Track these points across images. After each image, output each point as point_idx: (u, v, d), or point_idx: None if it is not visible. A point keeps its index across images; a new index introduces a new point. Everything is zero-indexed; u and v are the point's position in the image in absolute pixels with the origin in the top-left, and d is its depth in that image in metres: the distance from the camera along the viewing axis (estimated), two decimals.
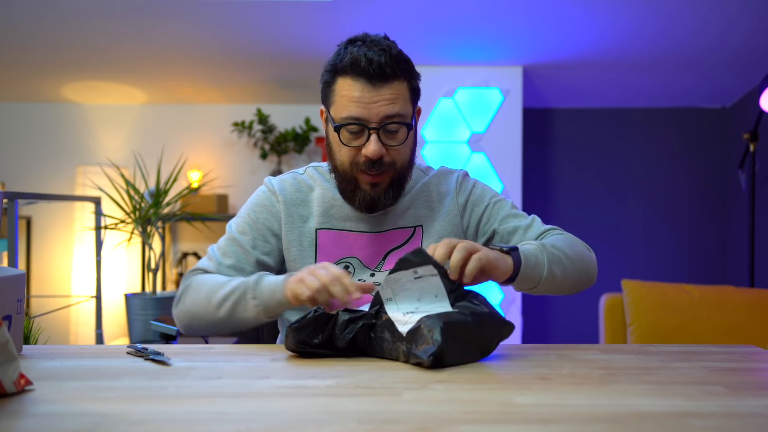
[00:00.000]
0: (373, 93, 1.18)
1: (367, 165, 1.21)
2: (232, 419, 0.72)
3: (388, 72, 1.18)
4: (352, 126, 1.20)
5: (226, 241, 1.29)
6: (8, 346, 0.81)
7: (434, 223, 1.32)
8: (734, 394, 0.83)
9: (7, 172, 3.96)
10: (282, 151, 3.82)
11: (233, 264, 1.26)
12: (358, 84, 1.19)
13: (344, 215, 1.30)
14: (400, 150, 1.23)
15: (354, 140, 1.21)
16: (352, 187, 1.25)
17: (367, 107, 1.18)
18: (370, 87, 1.18)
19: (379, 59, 1.17)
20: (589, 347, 1.13)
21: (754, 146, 3.06)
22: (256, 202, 1.32)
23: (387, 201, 1.25)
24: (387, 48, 1.20)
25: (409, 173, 1.29)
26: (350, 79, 1.19)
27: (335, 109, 1.22)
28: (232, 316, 1.17)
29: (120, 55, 3.27)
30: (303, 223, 1.30)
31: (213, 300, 1.18)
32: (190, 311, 1.21)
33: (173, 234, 3.99)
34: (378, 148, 1.19)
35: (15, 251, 1.98)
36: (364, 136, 1.20)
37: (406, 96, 1.23)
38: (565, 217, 3.85)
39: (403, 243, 1.31)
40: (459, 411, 0.75)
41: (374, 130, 1.19)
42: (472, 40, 3.06)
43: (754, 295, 2.36)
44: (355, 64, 1.18)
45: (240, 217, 1.32)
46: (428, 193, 1.34)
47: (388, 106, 1.19)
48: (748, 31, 2.88)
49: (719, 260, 3.82)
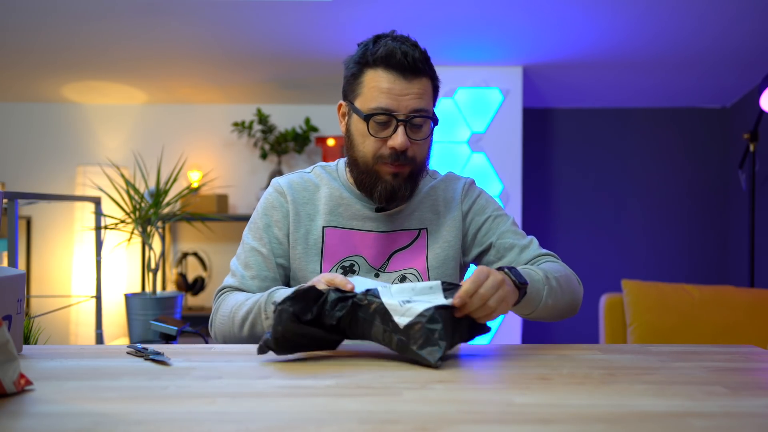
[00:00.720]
0: (404, 86, 1.21)
1: (392, 157, 1.23)
2: (232, 419, 0.72)
3: (419, 67, 1.22)
4: (381, 116, 1.22)
5: (244, 252, 1.31)
6: (8, 346, 0.81)
7: (440, 228, 1.34)
8: (734, 394, 0.83)
9: (7, 172, 3.96)
10: (282, 151, 3.82)
11: (256, 274, 1.28)
12: (390, 76, 1.22)
13: (351, 214, 1.31)
14: (422, 145, 1.27)
15: (381, 131, 1.24)
16: (372, 179, 1.26)
17: (396, 99, 1.21)
18: (401, 79, 1.21)
19: (413, 53, 1.21)
20: (589, 347, 1.13)
21: (754, 146, 3.06)
22: (266, 205, 1.34)
23: (405, 192, 1.27)
24: (417, 45, 1.25)
25: (424, 171, 1.32)
26: (381, 71, 1.22)
27: (362, 100, 1.24)
28: (254, 335, 1.19)
29: (120, 55, 3.27)
30: (310, 222, 1.31)
31: (235, 321, 1.21)
32: (222, 332, 1.25)
33: (173, 234, 3.99)
34: (405, 140, 1.22)
35: (15, 251, 1.98)
36: (391, 128, 1.23)
37: (431, 94, 1.27)
38: (565, 217, 3.85)
39: (408, 244, 1.32)
40: (459, 411, 0.75)
41: (402, 122, 1.22)
42: (472, 40, 3.06)
43: (754, 295, 2.36)
44: (390, 56, 1.21)
45: (253, 224, 1.33)
46: (435, 197, 1.37)
47: (416, 100, 1.22)
48: (748, 31, 2.88)
49: (719, 260, 3.82)
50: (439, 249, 1.33)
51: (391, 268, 1.30)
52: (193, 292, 3.79)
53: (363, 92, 1.24)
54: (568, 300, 1.25)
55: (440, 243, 1.33)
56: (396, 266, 1.31)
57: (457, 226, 1.35)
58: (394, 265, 1.31)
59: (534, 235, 1.64)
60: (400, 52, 1.21)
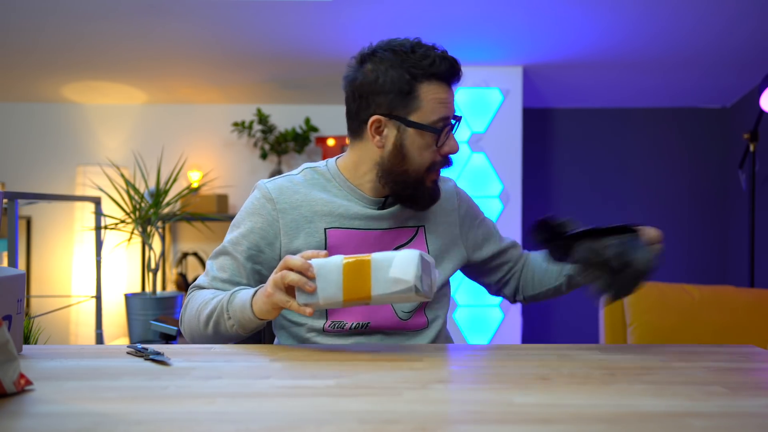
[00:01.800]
0: (450, 94, 1.27)
1: (443, 163, 1.28)
2: (232, 419, 0.72)
3: (459, 76, 1.28)
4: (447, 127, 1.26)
5: (221, 254, 1.29)
6: (8, 346, 0.81)
7: (437, 225, 1.36)
8: (734, 394, 0.83)
9: (7, 172, 3.96)
10: (282, 151, 3.82)
11: (228, 278, 1.26)
12: (442, 86, 1.25)
13: (351, 214, 1.29)
14: None
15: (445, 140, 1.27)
16: (415, 187, 1.28)
17: (449, 108, 1.26)
18: (448, 88, 1.26)
19: (456, 65, 1.27)
20: (589, 347, 1.13)
21: (754, 146, 3.06)
22: (251, 210, 1.29)
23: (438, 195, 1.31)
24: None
25: None
26: (436, 84, 1.24)
27: (422, 113, 1.23)
28: (218, 334, 1.19)
29: (120, 55, 3.27)
30: (308, 224, 1.27)
31: (201, 319, 1.20)
32: (188, 329, 1.25)
33: (173, 234, 3.99)
34: (458, 144, 1.28)
35: (15, 251, 1.98)
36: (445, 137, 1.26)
37: None
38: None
39: (408, 241, 1.33)
40: (459, 411, 0.75)
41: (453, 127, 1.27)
42: (472, 40, 3.06)
43: (754, 295, 2.35)
44: (447, 68, 1.25)
45: (235, 227, 1.30)
46: None
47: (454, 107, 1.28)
48: (748, 31, 2.88)
49: (719, 260, 3.82)
50: (439, 248, 1.34)
51: None
52: None
53: (422, 105, 1.23)
54: None
55: (439, 241, 1.35)
56: None
57: (455, 224, 1.38)
58: None
59: None
60: (448, 63, 1.25)
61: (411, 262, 1.01)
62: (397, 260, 1.01)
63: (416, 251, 1.02)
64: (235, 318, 1.14)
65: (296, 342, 1.29)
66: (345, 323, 1.25)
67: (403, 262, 1.01)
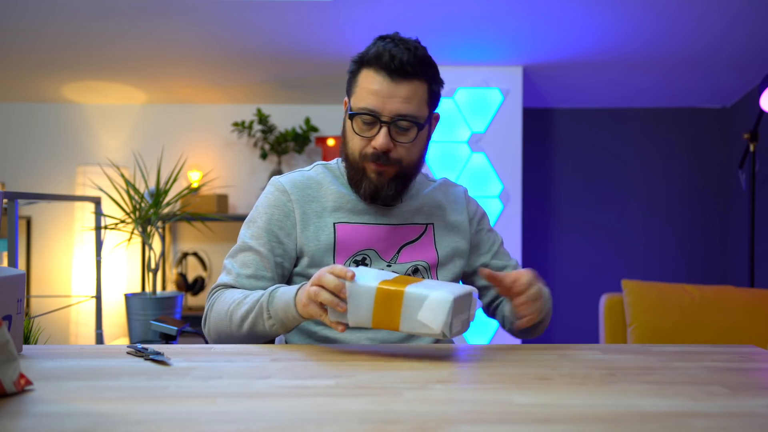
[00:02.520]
0: (391, 88, 1.22)
1: (374, 156, 1.25)
2: (232, 419, 0.72)
3: (408, 70, 1.22)
4: (365, 116, 1.24)
5: (241, 250, 1.29)
6: (8, 346, 0.81)
7: (446, 226, 1.37)
8: (734, 394, 0.83)
9: (7, 172, 3.96)
10: (282, 151, 3.82)
11: (253, 273, 1.27)
12: (378, 77, 1.23)
13: (359, 210, 1.32)
14: (409, 148, 1.27)
15: (366, 131, 1.25)
16: (359, 175, 1.28)
17: (382, 101, 1.22)
18: (389, 82, 1.22)
19: (402, 57, 1.21)
20: (589, 347, 1.13)
21: (754, 146, 3.06)
22: (266, 203, 1.32)
23: (389, 192, 1.28)
24: (413, 48, 1.24)
25: (415, 173, 1.33)
26: (372, 72, 1.24)
27: (355, 98, 1.26)
28: (254, 333, 1.18)
29: (120, 55, 3.27)
30: (318, 219, 1.30)
31: (234, 319, 1.19)
32: (217, 330, 1.23)
33: (173, 234, 3.99)
34: (386, 142, 1.23)
35: (15, 251, 1.98)
36: (376, 128, 1.24)
37: (423, 98, 1.26)
38: (565, 217, 3.85)
39: (416, 238, 1.34)
40: (459, 411, 0.75)
41: (385, 124, 1.23)
42: (472, 40, 3.06)
43: (754, 295, 2.35)
44: (378, 57, 1.22)
45: (252, 222, 1.31)
46: (437, 198, 1.39)
47: (402, 104, 1.22)
48: (748, 31, 2.88)
49: (719, 260, 3.82)
50: (447, 247, 1.35)
51: (401, 260, 1.31)
52: (193, 292, 3.79)
53: (356, 91, 1.27)
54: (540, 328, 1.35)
55: (448, 241, 1.35)
56: (406, 258, 1.32)
57: (465, 229, 1.39)
58: (405, 257, 1.32)
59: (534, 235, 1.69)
60: (389, 54, 1.21)
61: (441, 310, 0.97)
62: (429, 303, 0.97)
63: (451, 296, 0.98)
64: (277, 318, 1.14)
65: (304, 335, 1.30)
66: None
67: (434, 307, 0.97)
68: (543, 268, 3.81)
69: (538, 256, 3.80)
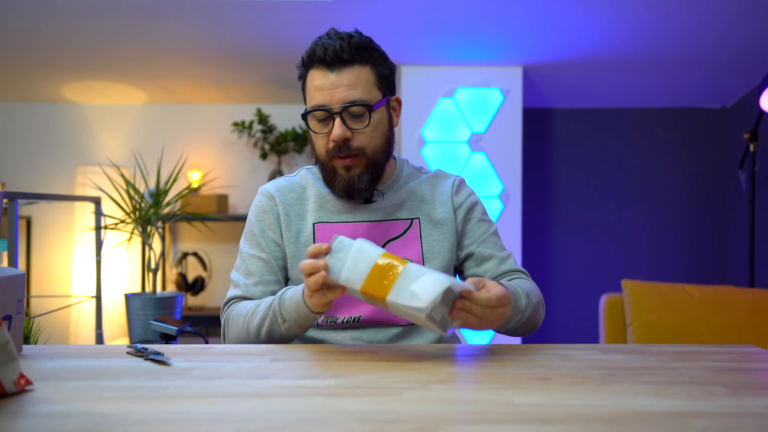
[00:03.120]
0: (333, 79, 1.24)
1: (336, 149, 1.25)
2: (232, 419, 0.72)
3: (344, 58, 1.23)
4: (317, 112, 1.25)
5: (244, 261, 1.32)
6: (8, 346, 0.81)
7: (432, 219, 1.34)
8: (734, 394, 0.83)
9: (7, 172, 3.96)
10: (282, 151, 3.82)
11: (259, 280, 1.28)
12: (319, 72, 1.25)
13: (339, 209, 1.32)
14: (367, 134, 1.26)
15: (323, 127, 1.26)
16: (331, 174, 1.29)
17: (328, 93, 1.23)
18: (330, 73, 1.24)
19: (334, 45, 1.23)
20: (589, 347, 1.13)
21: (754, 146, 3.06)
22: (257, 211, 1.35)
23: (362, 184, 1.27)
24: (346, 36, 1.25)
25: (384, 160, 1.31)
26: (314, 70, 1.26)
27: (307, 101, 1.29)
28: (274, 339, 1.19)
29: (120, 55, 3.27)
30: (300, 221, 1.32)
31: (251, 331, 1.21)
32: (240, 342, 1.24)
33: (173, 234, 3.99)
34: (341, 132, 1.23)
35: (15, 251, 1.98)
36: (330, 122, 1.25)
37: (370, 82, 1.26)
38: (565, 217, 3.85)
39: (401, 234, 1.33)
40: (459, 411, 0.75)
41: (337, 114, 1.24)
42: (472, 40, 3.06)
43: (754, 295, 2.35)
44: (313, 54, 1.25)
45: (249, 232, 1.34)
46: (423, 190, 1.37)
47: (348, 91, 1.23)
48: (748, 31, 2.88)
49: (719, 260, 3.82)
50: (434, 241, 1.33)
51: None
52: (193, 292, 3.79)
53: (307, 94, 1.29)
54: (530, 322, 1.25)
55: (434, 235, 1.33)
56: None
57: (450, 220, 1.35)
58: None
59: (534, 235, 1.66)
60: (322, 47, 1.23)
61: (435, 288, 0.96)
62: (426, 278, 0.97)
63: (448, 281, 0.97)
64: (291, 319, 1.14)
65: None
66: (337, 318, 1.28)
67: (429, 282, 0.97)
68: (543, 268, 3.82)
69: (538, 256, 3.80)
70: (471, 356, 1.07)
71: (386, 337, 1.28)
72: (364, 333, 1.27)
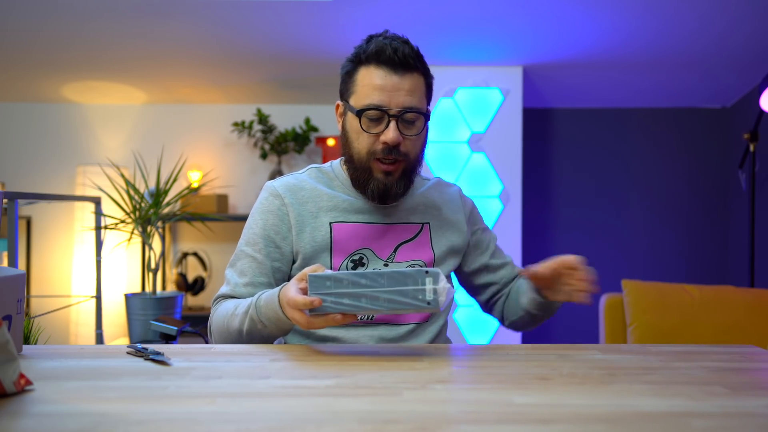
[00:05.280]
0: (396, 81, 1.24)
1: (385, 152, 1.25)
2: (232, 419, 0.72)
3: (410, 63, 1.24)
4: (373, 112, 1.24)
5: (239, 259, 1.31)
6: (8, 346, 0.81)
7: (442, 225, 1.37)
8: (734, 394, 0.83)
9: (7, 172, 3.96)
10: (282, 151, 3.82)
11: (250, 281, 1.28)
12: (381, 72, 1.24)
13: (354, 209, 1.32)
14: (415, 141, 1.28)
15: (374, 127, 1.25)
16: (366, 176, 1.28)
17: (389, 95, 1.23)
18: (393, 75, 1.24)
19: (404, 49, 1.24)
20: (589, 347, 1.13)
21: (754, 146, 3.06)
22: (261, 209, 1.33)
23: (399, 190, 1.29)
24: (409, 42, 1.27)
25: (419, 168, 1.34)
26: (374, 68, 1.25)
27: (356, 97, 1.26)
28: (255, 340, 1.20)
29: (120, 55, 3.27)
30: (314, 219, 1.30)
31: (232, 332, 1.21)
32: (220, 340, 1.26)
33: (173, 234, 3.99)
34: (396, 135, 1.23)
35: (15, 251, 1.98)
36: (383, 124, 1.24)
37: (423, 91, 1.28)
38: (565, 216, 3.85)
39: (412, 237, 1.34)
40: (459, 411, 0.75)
41: (394, 117, 1.23)
42: (472, 40, 3.06)
43: (754, 295, 2.35)
44: (380, 52, 1.24)
45: (249, 229, 1.33)
46: (431, 198, 1.40)
47: (407, 97, 1.24)
48: (748, 31, 2.88)
49: (719, 260, 3.82)
50: (444, 246, 1.35)
51: (398, 258, 1.31)
52: (193, 292, 3.79)
53: (357, 90, 1.27)
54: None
55: (444, 239, 1.36)
56: (403, 257, 1.32)
57: (462, 228, 1.39)
58: (401, 257, 1.32)
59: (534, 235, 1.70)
60: (391, 48, 1.23)
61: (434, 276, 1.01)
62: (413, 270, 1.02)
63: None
64: (272, 325, 1.14)
65: (302, 335, 1.31)
66: None
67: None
68: None
69: (538, 256, 3.80)
70: (471, 356, 1.07)
71: (398, 334, 1.28)
72: (377, 330, 1.28)
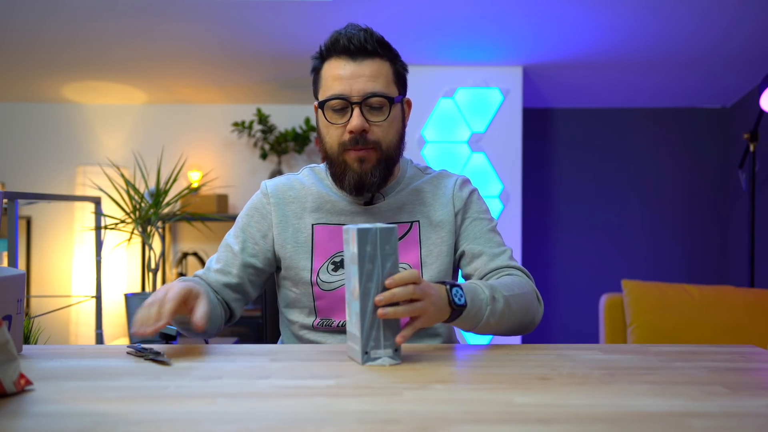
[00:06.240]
0: (354, 69, 1.23)
1: (352, 141, 1.23)
2: (232, 419, 0.72)
3: (368, 48, 1.23)
4: (335, 102, 1.24)
5: (221, 246, 1.36)
6: (8, 346, 0.81)
7: (432, 222, 1.32)
8: (734, 394, 0.83)
9: (7, 172, 3.96)
10: (282, 151, 3.82)
11: (221, 268, 1.31)
12: (340, 62, 1.24)
13: (338, 210, 1.31)
14: (384, 127, 1.25)
15: (339, 117, 1.24)
16: (341, 169, 1.26)
17: (348, 83, 1.22)
18: (351, 63, 1.23)
19: (359, 35, 1.23)
20: (589, 347, 1.13)
21: (754, 146, 3.06)
22: (250, 205, 1.37)
23: (374, 179, 1.25)
24: (367, 29, 1.25)
25: (396, 158, 1.30)
26: (333, 60, 1.25)
27: (322, 91, 1.28)
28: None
29: (120, 55, 3.27)
30: (297, 220, 1.32)
31: None
32: None
33: (173, 234, 3.99)
34: (360, 122, 1.21)
35: (15, 251, 1.98)
36: (348, 113, 1.23)
37: (389, 77, 1.26)
38: (565, 217, 3.85)
39: (401, 237, 1.31)
40: (459, 411, 0.75)
41: (356, 104, 1.22)
42: (472, 40, 3.06)
43: (754, 295, 2.35)
44: (335, 43, 1.24)
45: (237, 221, 1.38)
46: (425, 192, 1.34)
47: (369, 83, 1.22)
48: (748, 31, 2.88)
49: (719, 260, 3.82)
50: (433, 245, 1.31)
51: None
52: None
53: (322, 84, 1.28)
54: (517, 320, 1.19)
55: (433, 239, 1.31)
56: None
57: (450, 221, 1.32)
58: None
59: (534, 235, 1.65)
60: (345, 37, 1.23)
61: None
62: None
63: None
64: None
65: (294, 338, 1.34)
66: (333, 321, 1.29)
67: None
68: (543, 268, 3.82)
69: (538, 256, 3.80)
70: (471, 356, 1.07)
71: None
72: None
